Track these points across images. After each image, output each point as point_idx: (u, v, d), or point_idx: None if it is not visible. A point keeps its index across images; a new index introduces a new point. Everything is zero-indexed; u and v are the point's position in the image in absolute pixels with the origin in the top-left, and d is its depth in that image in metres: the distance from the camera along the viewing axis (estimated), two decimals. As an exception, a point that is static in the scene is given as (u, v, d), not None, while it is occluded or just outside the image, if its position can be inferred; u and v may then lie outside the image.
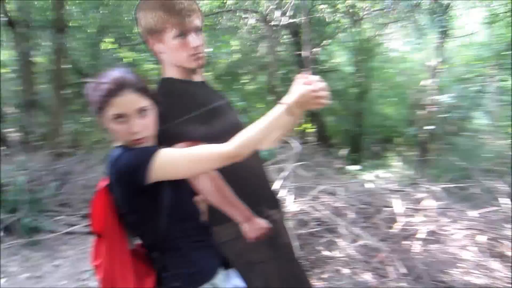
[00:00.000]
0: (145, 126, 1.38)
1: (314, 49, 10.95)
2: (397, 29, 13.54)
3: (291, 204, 4.86)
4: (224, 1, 12.35)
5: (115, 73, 1.38)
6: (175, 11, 1.50)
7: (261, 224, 1.72)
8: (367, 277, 3.84)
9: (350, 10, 10.84)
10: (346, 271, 4.00)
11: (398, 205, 4.65)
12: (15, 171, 5.11)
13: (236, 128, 1.58)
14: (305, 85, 1.35)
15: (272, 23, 9.63)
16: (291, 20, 10.14)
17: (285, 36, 13.99)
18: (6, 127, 8.32)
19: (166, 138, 1.51)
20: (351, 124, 13.14)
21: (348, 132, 13.16)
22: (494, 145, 7.78)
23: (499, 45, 9.13)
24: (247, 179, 1.74)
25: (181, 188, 1.47)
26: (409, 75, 13.31)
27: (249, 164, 1.71)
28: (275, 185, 5.13)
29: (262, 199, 1.82)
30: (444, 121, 8.95)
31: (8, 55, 15.08)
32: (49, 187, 5.24)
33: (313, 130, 15.14)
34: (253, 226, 1.69)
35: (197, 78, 1.68)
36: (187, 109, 1.52)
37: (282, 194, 5.00)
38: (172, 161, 1.33)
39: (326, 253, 4.26)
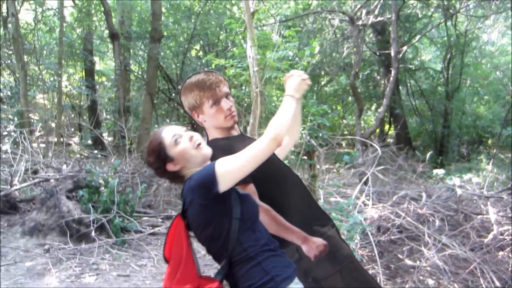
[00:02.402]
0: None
1: (404, 47, 10.46)
2: (498, 21, 12.47)
3: (370, 209, 4.71)
4: (310, 2, 12.37)
5: (153, 135, 1.71)
6: (206, 87, 1.85)
7: (318, 242, 1.85)
8: (454, 288, 3.59)
9: (445, 3, 10.20)
10: (430, 281, 3.78)
11: (492, 213, 4.28)
12: (108, 174, 5.56)
13: (278, 168, 1.89)
14: (289, 78, 1.75)
15: (359, 22, 9.43)
16: (379, 19, 9.84)
17: (370, 36, 13.62)
18: (102, 131, 9.13)
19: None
20: (437, 125, 12.33)
21: (433, 133, 12.35)
22: None
23: None
24: (295, 205, 1.92)
25: (247, 201, 1.60)
26: (506, 70, 12.17)
27: (295, 191, 1.94)
28: (355, 191, 5.01)
29: (313, 220, 1.97)
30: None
31: (106, 65, 16.61)
32: (138, 189, 5.58)
33: (394, 132, 14.52)
34: (312, 246, 1.84)
35: (235, 132, 1.97)
36: None
37: (362, 199, 4.85)
38: (233, 164, 1.50)
39: (408, 261, 4.06)
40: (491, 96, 12.49)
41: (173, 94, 13.86)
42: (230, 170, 1.49)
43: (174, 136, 1.61)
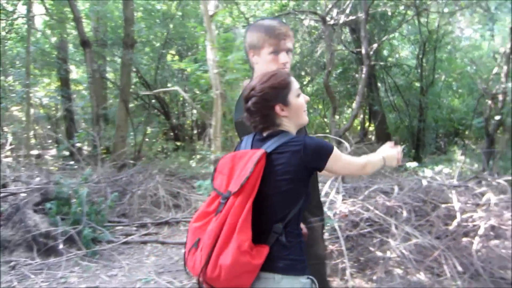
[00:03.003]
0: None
1: (375, 44, 10.57)
2: (466, 17, 12.71)
3: (341, 205, 4.73)
4: (284, 3, 12.41)
5: (280, 72, 1.70)
6: (274, 34, 1.88)
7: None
8: (421, 276, 3.63)
9: (416, 0, 10.35)
10: (398, 271, 3.82)
11: (456, 201, 4.35)
12: (79, 184, 5.41)
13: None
14: (391, 148, 1.86)
15: (331, 22, 9.48)
16: (351, 18, 9.92)
17: (346, 35, 13.73)
18: (77, 141, 8.98)
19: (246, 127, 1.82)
20: (413, 119, 12.51)
21: (410, 128, 12.53)
22: None
23: None
24: None
25: (309, 192, 1.68)
26: (479, 64, 12.41)
27: None
28: (326, 187, 5.04)
29: (308, 206, 1.93)
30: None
31: (84, 73, 16.32)
32: (109, 199, 5.50)
33: (373, 127, 14.66)
34: None
35: None
36: None
37: (332, 195, 4.89)
38: (341, 157, 1.63)
39: (377, 253, 4.10)
40: (465, 89, 12.72)
41: (152, 100, 13.76)
42: (340, 159, 1.62)
43: (299, 88, 1.69)
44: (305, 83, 15.99)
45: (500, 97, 7.66)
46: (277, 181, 1.55)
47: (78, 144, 8.82)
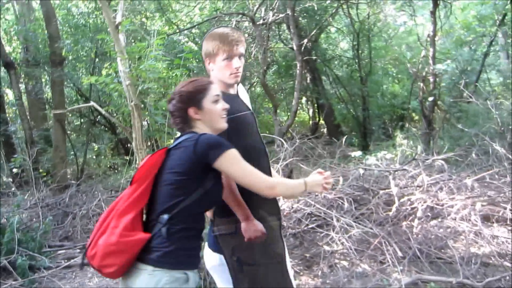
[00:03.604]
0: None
1: (305, 40, 10.67)
2: (391, 5, 13.16)
3: (284, 202, 4.69)
4: (218, 7, 12.26)
5: (201, 79, 1.81)
6: (227, 41, 1.97)
7: (258, 227, 1.91)
8: (365, 266, 3.65)
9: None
10: (344, 263, 3.82)
11: (393, 186, 4.41)
12: (12, 212, 5.09)
13: (257, 149, 2.02)
14: (319, 174, 1.80)
15: (261, 22, 9.45)
16: (280, 16, 9.94)
17: (284, 31, 13.80)
18: (13, 166, 8.41)
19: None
20: (358, 109, 12.77)
21: (356, 117, 12.79)
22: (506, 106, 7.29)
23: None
24: None
25: (217, 188, 1.72)
26: (414, 49, 12.85)
27: (264, 172, 1.91)
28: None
29: (264, 205, 2.00)
30: (450, 89, 8.53)
31: (13, 96, 15.34)
32: (48, 223, 5.16)
33: (322, 121, 14.87)
34: (250, 227, 1.90)
35: (232, 91, 2.09)
36: None
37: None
38: (239, 162, 1.63)
39: (322, 248, 4.08)
40: (403, 74, 13.14)
41: (98, 117, 13.22)
42: (237, 163, 1.62)
43: (217, 95, 1.78)
44: (255, 84, 15.98)
45: (431, 79, 7.93)
46: (168, 173, 1.65)
47: (15, 170, 8.27)
